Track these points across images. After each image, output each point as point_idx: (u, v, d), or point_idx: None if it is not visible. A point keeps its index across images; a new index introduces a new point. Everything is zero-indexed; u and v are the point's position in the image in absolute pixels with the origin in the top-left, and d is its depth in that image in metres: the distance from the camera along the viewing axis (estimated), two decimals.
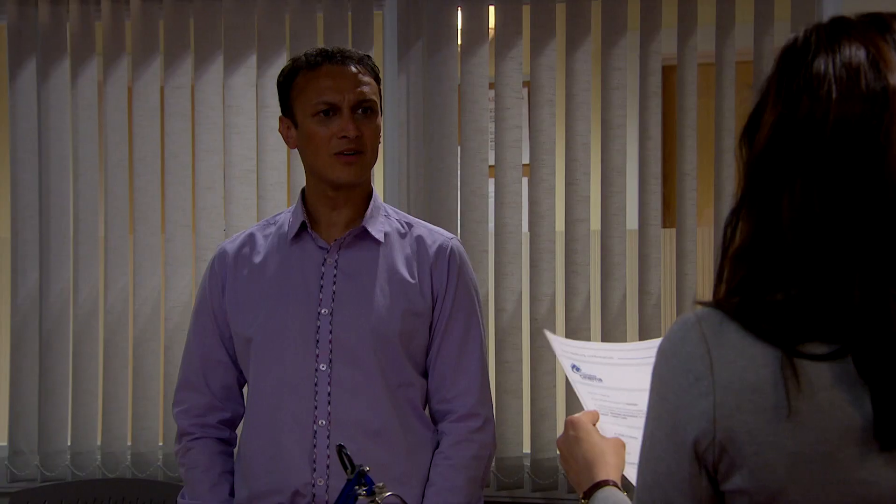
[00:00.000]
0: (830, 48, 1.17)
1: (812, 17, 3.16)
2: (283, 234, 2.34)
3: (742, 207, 1.19)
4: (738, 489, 1.14)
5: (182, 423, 2.38)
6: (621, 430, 1.57)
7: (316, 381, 2.25)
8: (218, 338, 2.36)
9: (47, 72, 3.40)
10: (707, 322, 1.16)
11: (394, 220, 2.36)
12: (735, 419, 1.13)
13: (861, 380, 1.10)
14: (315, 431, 2.24)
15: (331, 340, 2.26)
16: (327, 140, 2.23)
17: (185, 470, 2.37)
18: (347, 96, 2.24)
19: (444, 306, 2.32)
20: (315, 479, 2.23)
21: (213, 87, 3.37)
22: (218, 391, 2.37)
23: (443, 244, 2.34)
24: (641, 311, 3.25)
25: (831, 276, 1.11)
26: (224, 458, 2.37)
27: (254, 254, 2.35)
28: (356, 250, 2.31)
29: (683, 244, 3.25)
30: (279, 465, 2.26)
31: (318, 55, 2.27)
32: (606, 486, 1.45)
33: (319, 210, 2.32)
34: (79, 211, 3.39)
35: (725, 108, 3.21)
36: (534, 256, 3.29)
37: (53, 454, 3.38)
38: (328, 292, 2.28)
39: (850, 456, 1.11)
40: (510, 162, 3.29)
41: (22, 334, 3.40)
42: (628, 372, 1.61)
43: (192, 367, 2.39)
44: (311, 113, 2.25)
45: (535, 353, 3.26)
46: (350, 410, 2.24)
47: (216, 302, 2.36)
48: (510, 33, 3.31)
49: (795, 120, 1.16)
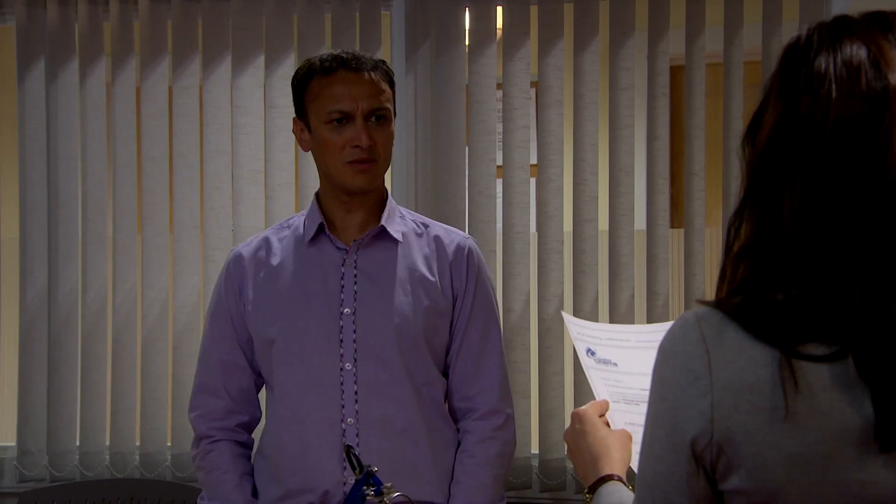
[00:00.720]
0: (832, 47, 1.17)
1: (820, 17, 3.13)
2: (300, 237, 2.35)
3: (745, 208, 1.19)
4: (736, 489, 1.14)
5: (200, 426, 2.37)
6: (632, 419, 1.57)
7: (342, 380, 2.26)
8: (235, 341, 2.36)
9: (56, 72, 3.40)
10: (706, 321, 1.16)
11: (409, 221, 2.37)
12: (733, 419, 1.13)
13: (861, 381, 1.10)
14: (344, 430, 2.25)
15: (355, 340, 2.26)
16: (340, 148, 2.24)
17: (205, 473, 2.36)
18: (361, 104, 2.23)
19: (464, 304, 2.33)
20: (346, 478, 2.25)
21: (221, 87, 3.38)
22: (236, 395, 2.37)
23: (461, 243, 2.36)
24: (649, 311, 3.25)
25: (832, 276, 1.11)
26: (244, 460, 2.37)
27: (270, 256, 2.35)
28: (375, 250, 2.31)
29: (692, 244, 3.24)
30: (307, 465, 2.27)
31: (333, 60, 2.26)
32: (611, 480, 1.46)
33: (334, 213, 2.33)
34: (87, 211, 3.40)
35: (733, 108, 3.20)
36: (542, 257, 3.29)
37: (62, 454, 3.39)
38: (349, 292, 2.29)
39: (848, 457, 1.10)
40: (518, 162, 3.29)
41: (30, 334, 3.40)
42: (645, 355, 1.60)
43: (209, 371, 2.38)
44: (324, 120, 2.25)
45: (543, 353, 3.26)
46: (377, 408, 2.26)
47: (233, 305, 2.35)
48: (518, 33, 3.30)
49: (796, 119, 1.15)
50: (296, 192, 3.35)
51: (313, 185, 3.30)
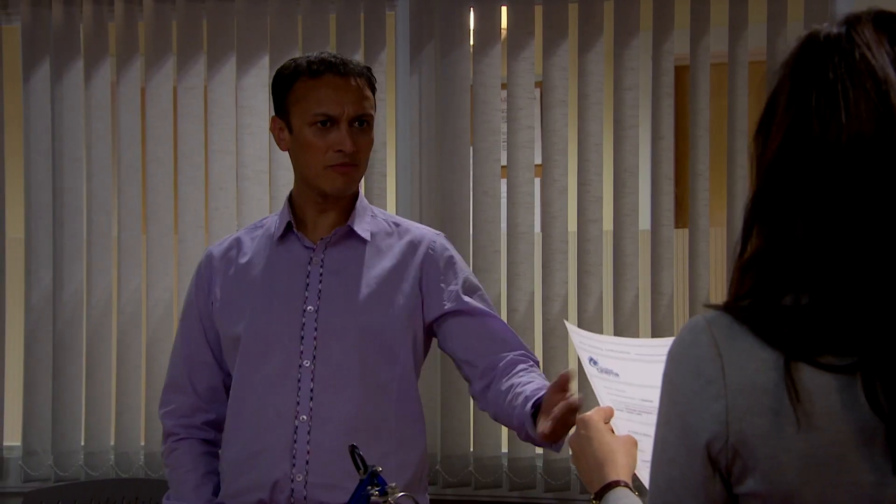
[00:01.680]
0: (846, 54, 1.15)
1: (825, 17, 3.15)
2: (270, 236, 2.36)
3: (754, 221, 1.18)
4: (751, 492, 1.14)
5: (167, 423, 2.39)
6: (635, 428, 1.57)
7: (299, 377, 2.26)
8: (203, 339, 2.37)
9: (61, 73, 3.41)
10: (717, 325, 1.16)
11: (381, 221, 2.37)
12: (747, 422, 1.13)
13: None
14: (296, 427, 2.24)
15: (315, 337, 2.26)
16: (323, 151, 2.23)
17: (170, 470, 2.38)
18: (347, 109, 2.23)
19: (449, 291, 2.31)
20: (294, 475, 2.23)
21: (226, 87, 3.38)
22: (203, 393, 2.38)
23: (431, 240, 2.35)
24: (654, 311, 3.25)
25: (845, 289, 1.11)
26: (209, 458, 2.38)
27: (240, 255, 2.37)
28: (342, 249, 2.31)
29: (696, 244, 3.24)
30: (260, 461, 2.26)
31: (322, 63, 2.25)
32: (618, 486, 1.44)
33: (306, 213, 2.33)
34: (92, 211, 3.40)
35: (738, 108, 3.20)
36: (546, 257, 3.28)
37: (67, 454, 3.39)
38: (314, 290, 2.29)
39: (862, 458, 1.10)
40: (522, 162, 3.29)
41: (35, 334, 3.41)
42: (643, 368, 1.61)
43: (177, 368, 2.40)
44: (308, 122, 2.24)
45: (547, 353, 3.26)
46: (331, 407, 2.24)
47: (202, 304, 2.37)
48: (522, 33, 3.30)
49: (808, 135, 1.14)
50: None
51: None
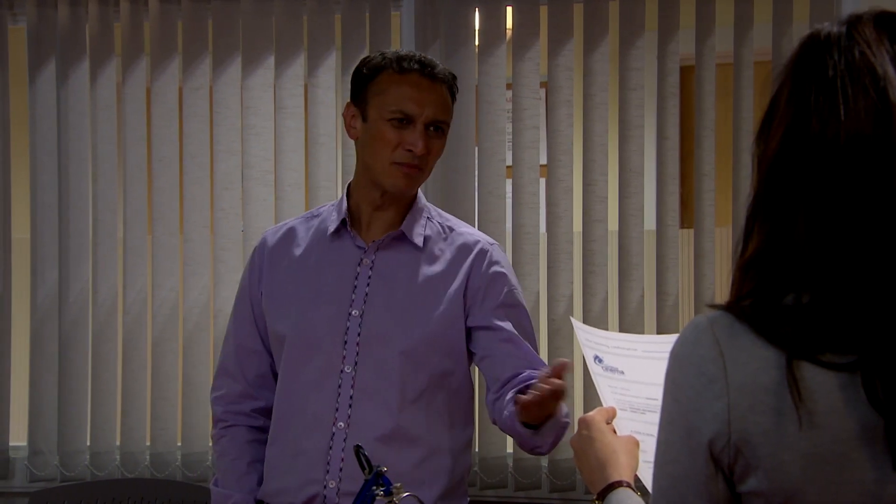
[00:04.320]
0: (845, 52, 1.15)
1: (831, 17, 3.13)
2: (324, 229, 2.33)
3: (755, 220, 1.18)
4: (754, 490, 1.14)
5: (217, 409, 2.40)
6: (638, 428, 1.57)
7: (340, 382, 2.24)
8: (254, 326, 2.37)
9: (66, 73, 3.41)
10: (719, 325, 1.16)
11: (436, 223, 2.34)
12: (749, 420, 1.13)
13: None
14: (333, 433, 2.24)
15: (358, 343, 2.25)
16: (394, 146, 2.21)
17: (217, 457, 2.38)
18: (427, 112, 2.22)
19: (485, 305, 2.27)
20: (327, 481, 2.22)
21: (231, 88, 3.38)
22: (252, 380, 2.37)
23: (482, 249, 2.32)
24: (659, 311, 3.25)
25: (846, 287, 1.11)
26: (256, 445, 2.36)
27: (294, 247, 2.35)
28: (394, 252, 2.29)
29: (701, 245, 3.24)
30: (297, 465, 2.26)
31: (412, 61, 2.24)
32: (620, 487, 1.44)
33: (362, 208, 2.30)
34: (98, 212, 3.41)
35: (743, 108, 3.20)
36: (551, 257, 3.28)
37: (73, 454, 3.39)
38: (361, 294, 2.27)
39: (865, 456, 1.10)
40: (527, 162, 3.29)
41: (41, 334, 3.41)
42: (651, 365, 1.60)
43: (228, 353, 2.40)
44: (386, 116, 2.22)
45: (552, 353, 3.25)
46: (369, 414, 2.23)
47: (254, 291, 2.36)
48: (527, 34, 3.30)
49: (807, 133, 1.14)
50: (306, 193, 3.35)
51: (324, 185, 3.33)
